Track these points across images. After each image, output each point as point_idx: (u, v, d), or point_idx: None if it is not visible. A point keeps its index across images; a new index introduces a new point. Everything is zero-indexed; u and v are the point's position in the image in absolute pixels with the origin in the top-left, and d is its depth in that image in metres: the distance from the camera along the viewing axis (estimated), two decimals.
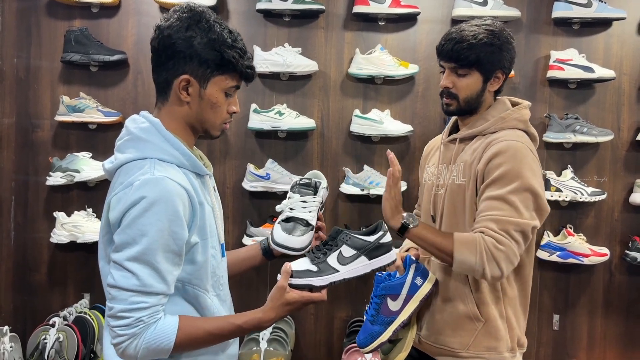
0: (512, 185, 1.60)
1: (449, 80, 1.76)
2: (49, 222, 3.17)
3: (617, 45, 3.08)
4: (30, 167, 3.22)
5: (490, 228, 1.59)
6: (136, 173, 1.27)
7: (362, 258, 1.43)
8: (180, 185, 1.28)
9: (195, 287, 1.36)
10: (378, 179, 3.01)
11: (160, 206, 1.23)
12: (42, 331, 2.88)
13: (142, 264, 1.23)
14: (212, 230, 1.39)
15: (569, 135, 2.97)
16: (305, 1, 3.01)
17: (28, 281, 3.24)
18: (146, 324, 1.25)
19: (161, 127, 1.34)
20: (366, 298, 3.16)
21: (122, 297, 1.24)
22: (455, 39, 1.71)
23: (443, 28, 3.09)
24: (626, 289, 3.12)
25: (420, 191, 2.01)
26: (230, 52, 1.33)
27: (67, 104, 3.08)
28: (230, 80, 1.37)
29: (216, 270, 1.41)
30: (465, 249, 1.59)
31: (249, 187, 3.05)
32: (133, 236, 1.23)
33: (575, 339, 3.15)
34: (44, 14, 3.19)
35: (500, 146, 1.66)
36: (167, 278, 1.27)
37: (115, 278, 1.25)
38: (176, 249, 1.27)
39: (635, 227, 3.09)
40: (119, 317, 1.24)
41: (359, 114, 3.04)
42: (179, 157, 1.33)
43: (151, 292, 1.25)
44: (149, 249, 1.23)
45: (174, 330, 1.27)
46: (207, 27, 1.33)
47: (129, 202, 1.24)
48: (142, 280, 1.23)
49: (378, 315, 1.73)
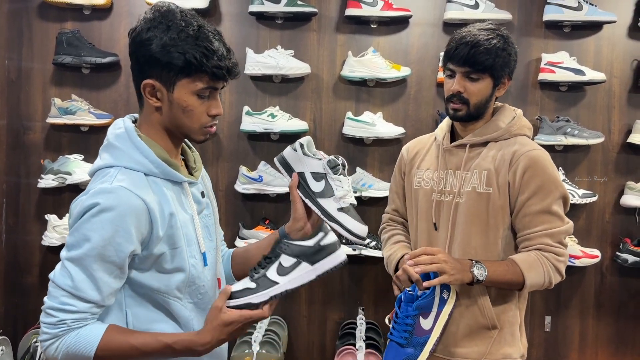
0: (552, 196, 1.71)
1: (460, 84, 1.73)
2: (41, 224, 3.16)
3: (608, 48, 3.10)
4: (21, 170, 3.21)
5: (546, 243, 1.69)
6: (98, 181, 1.27)
7: (304, 265, 1.30)
8: (137, 197, 1.24)
9: (164, 295, 1.33)
10: (371, 181, 3.01)
11: (108, 215, 1.22)
12: (33, 334, 2.87)
13: (79, 267, 1.22)
14: (190, 239, 1.35)
15: (560, 137, 2.98)
16: (297, 4, 3.02)
17: (19, 284, 3.22)
18: (69, 327, 1.23)
19: (133, 134, 1.31)
20: (359, 299, 3.16)
21: (55, 295, 1.24)
22: (471, 42, 1.69)
23: (435, 31, 3.11)
24: (617, 291, 3.14)
25: (409, 196, 1.92)
26: (193, 52, 1.24)
27: (59, 106, 3.07)
28: (199, 82, 1.28)
29: (196, 280, 1.37)
30: (534, 273, 1.67)
31: (241, 190, 3.05)
32: (78, 239, 1.23)
33: (566, 341, 3.16)
34: (36, 16, 3.18)
35: (531, 157, 1.73)
36: (102, 288, 1.24)
37: (55, 273, 1.25)
38: (117, 261, 1.24)
39: (626, 228, 3.11)
40: (47, 313, 1.24)
41: (351, 117, 3.05)
42: (148, 165, 1.29)
43: (81, 297, 1.23)
44: (88, 255, 1.22)
45: (97, 339, 1.23)
46: (167, 27, 1.25)
47: (83, 208, 1.24)
48: (75, 283, 1.22)
49: (412, 337, 1.65)
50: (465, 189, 1.76)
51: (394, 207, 2.02)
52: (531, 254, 1.69)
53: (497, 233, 1.74)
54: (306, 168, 1.49)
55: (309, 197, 1.46)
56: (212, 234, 1.47)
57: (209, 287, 1.43)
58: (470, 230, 1.75)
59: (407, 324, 1.66)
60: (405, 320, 1.66)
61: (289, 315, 3.19)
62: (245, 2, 3.10)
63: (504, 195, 1.73)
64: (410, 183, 1.92)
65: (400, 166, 1.99)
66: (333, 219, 1.42)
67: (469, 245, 1.75)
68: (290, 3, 3.01)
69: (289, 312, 3.19)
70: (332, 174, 1.48)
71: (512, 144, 1.77)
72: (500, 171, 1.73)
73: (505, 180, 1.73)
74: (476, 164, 1.77)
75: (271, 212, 3.15)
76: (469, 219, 1.75)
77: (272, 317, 3.12)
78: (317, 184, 1.48)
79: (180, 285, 1.34)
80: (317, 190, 1.46)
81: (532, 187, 1.71)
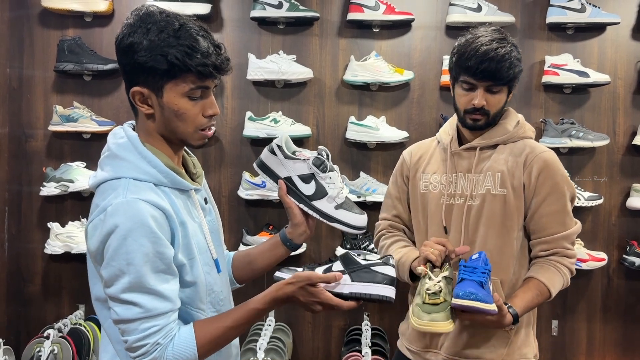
0: (565, 197, 1.77)
1: (483, 98, 1.73)
2: (43, 232, 3.14)
3: (612, 50, 3.08)
4: (23, 178, 3.20)
5: (562, 246, 1.75)
6: (109, 196, 1.21)
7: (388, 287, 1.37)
8: (154, 207, 1.21)
9: (189, 308, 1.31)
10: (374, 186, 3.00)
11: (138, 231, 1.18)
12: (36, 343, 2.85)
13: (138, 292, 1.19)
14: (201, 248, 1.33)
15: (565, 140, 2.97)
16: (299, 8, 3.01)
17: (22, 292, 3.21)
18: (163, 345, 1.21)
19: (138, 143, 1.26)
20: (364, 305, 3.14)
21: (132, 328, 1.20)
22: (495, 58, 1.68)
23: (437, 34, 3.10)
24: (624, 294, 3.11)
25: (415, 200, 1.89)
26: (174, 53, 1.19)
27: (61, 114, 3.06)
28: (187, 83, 1.23)
29: (214, 287, 1.36)
30: (557, 283, 1.74)
31: (244, 196, 3.03)
32: (120, 267, 1.18)
33: (574, 344, 3.13)
34: (37, 24, 3.17)
35: (544, 159, 1.76)
36: (168, 295, 1.22)
37: (118, 313, 1.20)
38: (165, 268, 1.22)
39: (632, 231, 3.09)
40: (134, 348, 1.21)
41: (354, 121, 3.03)
42: (156, 175, 1.26)
43: (157, 315, 1.20)
44: (139, 277, 1.18)
45: (192, 339, 1.23)
46: (146, 30, 1.20)
47: (105, 232, 1.19)
48: (145, 306, 1.19)
49: (487, 284, 1.56)
50: (479, 192, 1.77)
51: (395, 214, 1.97)
52: (550, 267, 1.74)
53: (511, 235, 1.76)
54: (292, 172, 1.44)
55: (302, 201, 1.43)
56: (220, 239, 1.47)
57: (226, 293, 1.42)
58: (486, 233, 1.76)
59: (484, 273, 1.56)
60: (481, 270, 1.57)
61: (293, 322, 3.17)
62: (247, 8, 3.09)
63: (519, 197, 1.75)
64: (416, 187, 1.89)
65: (403, 171, 1.96)
66: (333, 219, 1.42)
67: (485, 247, 1.74)
68: (292, 8, 3.00)
69: (293, 319, 3.17)
70: (320, 173, 1.42)
71: (521, 146, 1.80)
72: (515, 173, 1.76)
73: (520, 182, 1.75)
74: (488, 166, 1.78)
75: (275, 217, 3.14)
76: (484, 221, 1.76)
77: (277, 324, 3.10)
78: (307, 186, 1.43)
79: (202, 297, 1.32)
80: (310, 193, 1.43)
81: (547, 188, 1.74)
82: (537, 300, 1.71)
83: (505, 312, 1.59)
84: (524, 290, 1.71)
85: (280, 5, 2.99)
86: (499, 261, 1.74)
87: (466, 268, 1.58)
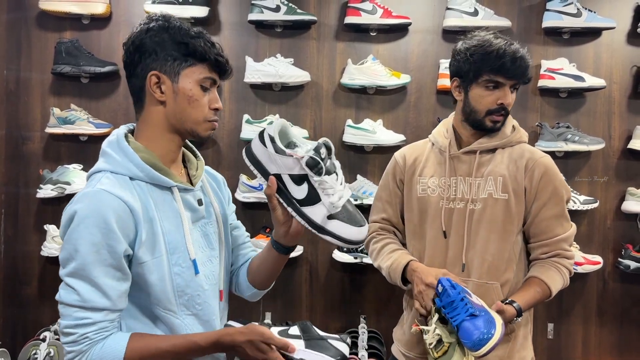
0: (564, 201, 1.80)
1: (511, 97, 1.77)
2: (40, 235, 3.14)
3: (607, 54, 3.10)
4: (20, 180, 3.20)
5: (563, 249, 1.79)
6: (85, 187, 1.30)
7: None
8: (117, 197, 1.24)
9: (158, 308, 1.31)
10: (371, 189, 3.00)
11: (91, 220, 1.21)
12: (32, 346, 2.84)
13: (80, 279, 1.22)
14: (174, 247, 1.32)
15: (560, 144, 2.98)
16: (297, 12, 3.02)
17: (18, 295, 3.20)
18: (92, 340, 1.22)
19: (121, 139, 1.33)
20: (361, 308, 3.15)
21: (67, 313, 1.23)
22: (524, 57, 1.74)
23: (434, 38, 3.11)
24: (620, 297, 3.12)
25: (410, 204, 1.89)
26: (194, 42, 1.31)
27: (58, 116, 3.06)
28: (202, 70, 1.33)
29: (186, 289, 1.33)
30: (557, 282, 1.77)
31: (241, 198, 3.03)
32: (69, 251, 1.22)
33: (569, 347, 3.14)
34: (34, 26, 3.17)
35: (544, 164, 1.80)
36: (110, 293, 1.23)
37: (61, 295, 1.24)
38: (114, 263, 1.23)
39: (627, 234, 3.10)
40: (65, 333, 1.23)
41: (351, 124, 3.04)
42: (132, 169, 1.30)
43: (93, 308, 1.22)
44: (84, 264, 1.21)
45: (123, 347, 1.23)
46: (167, 25, 1.32)
47: (67, 217, 1.25)
48: (82, 295, 1.21)
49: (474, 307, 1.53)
50: (481, 196, 1.78)
51: (385, 217, 1.96)
52: (550, 267, 1.77)
53: (512, 238, 1.78)
54: (282, 169, 1.24)
55: (291, 204, 1.25)
56: (212, 242, 1.44)
57: (208, 296, 1.39)
58: (488, 237, 1.77)
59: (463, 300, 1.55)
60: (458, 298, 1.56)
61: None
62: (244, 11, 3.10)
63: (520, 201, 1.77)
64: (412, 191, 1.88)
65: (396, 174, 1.94)
66: (323, 230, 1.23)
67: (487, 251, 1.76)
68: (290, 11, 3.01)
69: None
70: (314, 175, 1.21)
71: (520, 151, 1.82)
72: (516, 177, 1.77)
73: (522, 186, 1.77)
74: (489, 170, 1.78)
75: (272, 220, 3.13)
76: (486, 225, 1.77)
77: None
78: (299, 188, 1.24)
79: (169, 297, 1.31)
80: (300, 197, 1.23)
81: (547, 193, 1.77)
82: (538, 298, 1.73)
83: (504, 308, 1.61)
84: (526, 288, 1.74)
85: (277, 8, 3.00)
86: (499, 265, 1.76)
87: (445, 308, 1.56)
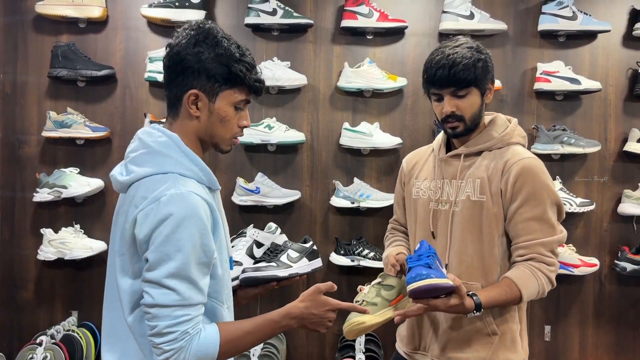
0: (544, 204, 1.72)
1: (451, 104, 1.76)
2: (36, 238, 3.13)
3: (603, 57, 3.11)
4: (16, 183, 3.19)
5: (540, 253, 1.71)
6: (160, 188, 1.29)
7: (304, 259, 1.74)
8: (204, 200, 1.31)
9: (214, 301, 1.39)
10: (368, 192, 3.01)
11: (191, 221, 1.26)
12: (29, 350, 2.83)
13: (180, 280, 1.26)
14: (225, 244, 1.43)
15: (556, 146, 2.99)
16: (293, 15, 3.02)
17: (15, 299, 3.19)
18: (191, 335, 1.27)
19: (180, 142, 1.36)
20: None
21: (165, 314, 1.25)
22: (447, 64, 1.73)
23: (430, 41, 3.12)
24: (616, 299, 3.13)
25: (409, 205, 1.98)
26: (238, 66, 1.36)
27: (54, 120, 3.06)
28: (239, 94, 1.39)
29: (228, 283, 1.45)
30: (530, 286, 1.69)
31: (238, 202, 3.03)
32: (168, 253, 1.25)
33: (566, 350, 3.15)
34: (31, 29, 3.17)
35: (523, 165, 1.74)
36: (203, 288, 1.30)
37: (154, 296, 1.26)
38: (206, 261, 1.31)
39: (624, 236, 3.11)
40: (164, 333, 1.25)
41: (348, 127, 3.04)
42: (198, 173, 1.36)
43: (191, 305, 1.27)
44: (185, 264, 1.25)
45: (217, 337, 1.30)
46: (215, 43, 1.36)
47: (158, 219, 1.26)
48: (183, 294, 1.26)
49: (435, 264, 1.58)
50: (461, 198, 1.80)
51: (395, 218, 2.10)
52: (525, 270, 1.71)
53: (492, 240, 1.77)
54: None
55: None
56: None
57: (231, 292, 1.50)
58: (465, 238, 1.78)
59: (429, 257, 1.59)
60: (426, 254, 1.61)
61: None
62: (241, 14, 3.10)
63: (498, 203, 1.76)
64: (410, 193, 1.97)
65: (401, 177, 2.04)
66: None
67: (465, 252, 1.78)
68: (286, 15, 3.02)
69: None
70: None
71: (505, 153, 1.80)
72: (493, 179, 1.77)
73: (498, 188, 1.76)
74: (470, 172, 1.80)
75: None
76: (464, 226, 1.79)
77: None
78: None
79: (222, 290, 1.41)
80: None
81: (523, 194, 1.73)
82: (504, 297, 1.67)
83: (464, 292, 1.57)
84: (494, 286, 1.71)
85: (274, 12, 3.01)
86: (480, 266, 1.77)
87: (411, 259, 1.61)
